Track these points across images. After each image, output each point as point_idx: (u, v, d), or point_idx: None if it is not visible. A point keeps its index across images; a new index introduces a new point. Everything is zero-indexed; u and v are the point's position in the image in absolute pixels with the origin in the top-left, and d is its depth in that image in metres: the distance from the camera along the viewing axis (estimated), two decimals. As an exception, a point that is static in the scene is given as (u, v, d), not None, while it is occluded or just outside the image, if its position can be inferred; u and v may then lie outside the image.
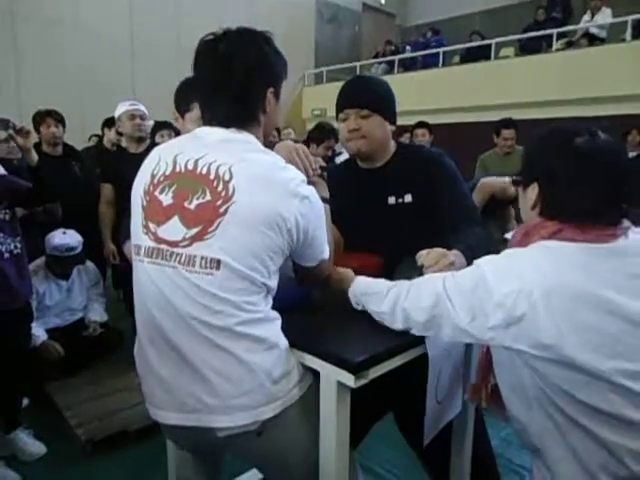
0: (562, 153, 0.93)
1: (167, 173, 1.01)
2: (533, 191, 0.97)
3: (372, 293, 1.12)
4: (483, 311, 0.90)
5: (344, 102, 1.47)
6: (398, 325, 1.05)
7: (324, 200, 1.25)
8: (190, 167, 0.98)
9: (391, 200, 1.48)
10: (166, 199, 0.98)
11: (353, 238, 1.52)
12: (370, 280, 1.17)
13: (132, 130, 2.78)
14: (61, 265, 2.74)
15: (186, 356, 0.97)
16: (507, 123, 3.82)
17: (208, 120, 1.06)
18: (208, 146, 1.00)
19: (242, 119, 1.04)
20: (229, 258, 0.93)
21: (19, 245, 2.05)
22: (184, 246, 0.95)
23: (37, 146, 2.29)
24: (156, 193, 1.00)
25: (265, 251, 0.95)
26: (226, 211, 0.93)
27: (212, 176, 0.96)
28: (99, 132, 4.15)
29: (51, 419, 2.38)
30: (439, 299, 0.96)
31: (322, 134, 3.17)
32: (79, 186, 2.99)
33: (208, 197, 0.95)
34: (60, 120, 3.04)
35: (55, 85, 6.37)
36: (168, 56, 7.55)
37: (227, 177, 0.95)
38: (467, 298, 0.92)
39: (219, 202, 0.94)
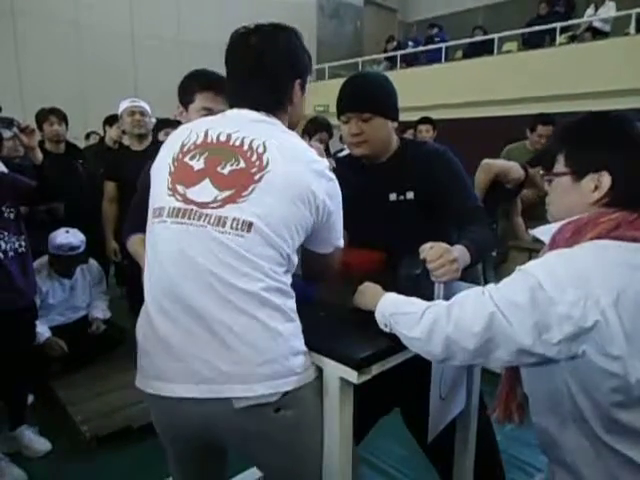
0: (630, 139, 0.88)
1: (198, 142, 1.02)
2: (594, 182, 0.88)
3: (403, 313, 0.99)
4: (547, 326, 0.79)
5: (344, 105, 1.46)
6: (436, 353, 0.92)
7: None
8: (223, 139, 1.00)
9: (392, 197, 1.48)
10: (197, 164, 0.99)
11: (355, 234, 1.51)
12: (402, 298, 1.04)
13: (131, 126, 2.78)
14: (64, 264, 2.75)
15: (205, 320, 0.93)
16: (546, 120, 3.46)
17: (238, 105, 1.07)
18: (241, 123, 1.03)
19: (271, 106, 1.06)
20: (261, 223, 0.93)
21: (24, 244, 2.06)
22: (215, 207, 0.95)
23: (40, 144, 2.29)
24: (186, 159, 1.01)
25: (295, 223, 0.97)
26: (261, 178, 0.95)
27: (246, 147, 0.98)
28: (99, 130, 4.14)
29: (55, 416, 2.40)
30: (493, 320, 0.83)
31: (315, 127, 3.17)
32: (82, 184, 3.00)
33: (242, 165, 0.96)
34: (63, 118, 3.05)
35: (57, 83, 6.37)
36: (170, 53, 7.55)
37: (261, 150, 0.97)
38: (527, 314, 0.80)
39: (254, 170, 0.95)
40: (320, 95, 9.17)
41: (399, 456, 2.12)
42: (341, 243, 1.12)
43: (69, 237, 2.68)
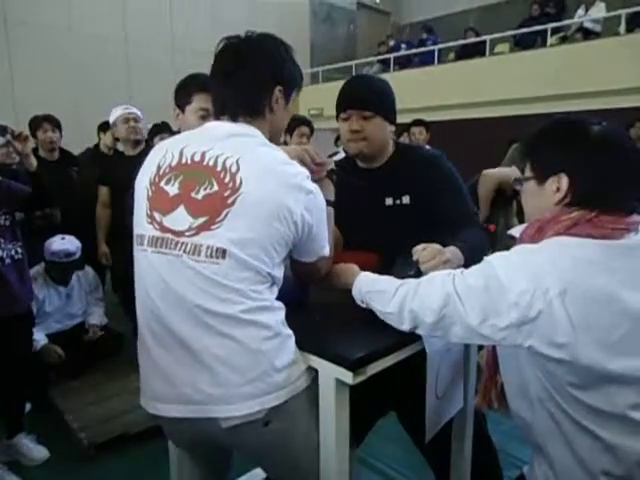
0: (584, 141, 0.93)
1: (173, 164, 1.02)
2: (555, 184, 0.94)
3: (378, 291, 1.08)
4: (496, 311, 0.86)
5: (346, 102, 1.47)
6: (405, 326, 1.01)
7: (328, 203, 1.26)
8: (197, 159, 1.00)
9: (389, 201, 1.49)
10: (172, 189, 1.00)
11: (351, 238, 1.52)
12: (375, 277, 1.13)
13: (127, 133, 2.78)
14: (60, 271, 2.74)
15: (189, 346, 0.97)
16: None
17: (219, 111, 1.08)
18: (215, 140, 1.02)
19: (249, 110, 1.06)
20: (235, 248, 0.94)
21: (20, 250, 2.06)
22: (190, 235, 0.96)
23: (34, 151, 2.29)
24: (162, 184, 1.01)
25: (271, 242, 0.97)
26: (234, 202, 0.94)
27: (219, 168, 0.97)
28: (94, 137, 4.14)
29: (53, 423, 2.39)
30: (449, 299, 0.92)
31: (293, 121, 3.13)
32: (76, 191, 3.00)
33: (215, 188, 0.96)
34: (57, 125, 3.05)
35: (51, 90, 6.36)
36: (163, 58, 7.55)
37: (234, 169, 0.96)
38: (479, 297, 0.88)
39: (227, 193, 0.95)
40: (314, 98, 9.19)
41: (396, 456, 2.12)
42: (326, 252, 1.11)
43: (65, 244, 2.68)
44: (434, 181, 1.45)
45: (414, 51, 9.08)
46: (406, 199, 1.47)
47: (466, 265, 1.25)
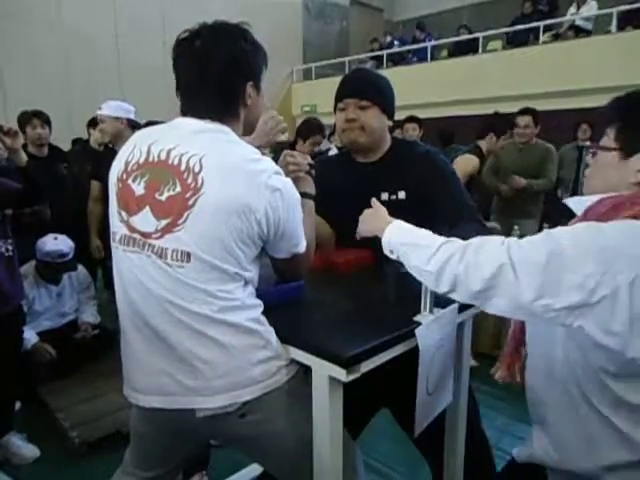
0: None
1: (140, 162, 1.01)
2: None
3: (415, 245, 0.98)
4: (555, 290, 0.79)
5: (344, 91, 1.48)
6: (441, 288, 0.94)
7: (309, 196, 1.26)
8: (163, 157, 0.99)
9: (384, 196, 1.48)
10: (138, 189, 1.00)
11: (346, 233, 1.52)
12: (410, 227, 1.04)
13: (100, 137, 2.78)
14: (52, 271, 2.71)
15: (164, 339, 0.99)
16: (523, 110, 3.50)
17: (186, 112, 1.06)
18: (182, 137, 1.00)
19: (221, 113, 1.04)
20: (198, 250, 0.94)
21: (10, 247, 2.03)
22: (156, 238, 0.97)
23: (23, 147, 2.26)
24: (129, 181, 1.02)
25: (234, 242, 0.96)
26: (194, 203, 0.94)
27: (183, 167, 0.96)
28: (84, 135, 4.11)
29: (44, 422, 2.37)
30: (501, 270, 0.83)
31: (309, 129, 3.14)
32: (66, 187, 2.97)
33: (178, 189, 0.95)
34: (46, 121, 3.01)
35: (40, 85, 6.30)
36: (154, 54, 7.48)
37: (197, 169, 0.95)
38: (538, 273, 0.80)
39: (188, 194, 0.94)
40: (307, 95, 9.18)
41: (390, 453, 2.13)
42: (300, 249, 1.10)
43: (58, 244, 2.64)
44: (431, 177, 1.44)
45: (407, 48, 9.10)
46: (402, 194, 1.47)
47: None
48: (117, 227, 1.04)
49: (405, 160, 1.48)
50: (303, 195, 1.25)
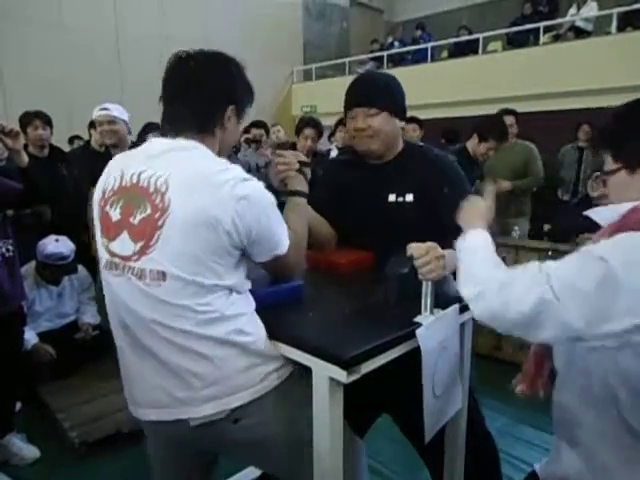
0: None
1: (115, 188, 1.06)
2: None
3: (470, 264, 0.94)
4: (606, 316, 0.74)
5: (352, 100, 1.47)
6: (478, 317, 0.89)
7: (300, 194, 1.27)
8: (134, 181, 1.03)
9: (391, 197, 1.48)
10: (115, 215, 1.04)
11: (352, 233, 1.52)
12: (487, 246, 0.97)
13: (101, 137, 2.77)
14: (53, 273, 2.71)
15: (155, 356, 1.03)
16: (506, 110, 3.61)
17: (166, 128, 1.08)
18: (152, 158, 1.04)
19: (198, 128, 1.06)
20: (172, 268, 0.97)
21: (11, 248, 2.03)
22: (135, 260, 1.01)
23: (23, 148, 2.26)
24: (107, 208, 1.06)
25: (207, 255, 0.98)
26: (163, 223, 0.97)
27: (151, 189, 0.99)
28: (82, 134, 4.10)
29: (44, 422, 2.37)
30: (544, 302, 0.78)
31: (300, 125, 3.30)
32: (66, 188, 2.96)
33: (148, 211, 0.99)
34: (47, 122, 3.00)
35: (41, 86, 6.29)
36: (155, 55, 7.48)
37: (163, 189, 0.98)
38: (588, 300, 0.75)
39: (157, 214, 0.98)
40: (307, 96, 9.17)
41: (388, 452, 2.13)
42: (281, 250, 1.09)
43: (59, 246, 2.63)
44: (440, 182, 1.43)
45: (407, 49, 9.09)
46: (410, 197, 1.46)
47: None
48: (102, 253, 1.09)
49: (415, 164, 1.48)
50: (294, 193, 1.28)
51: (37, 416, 2.45)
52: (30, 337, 2.55)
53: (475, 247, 0.97)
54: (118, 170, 1.07)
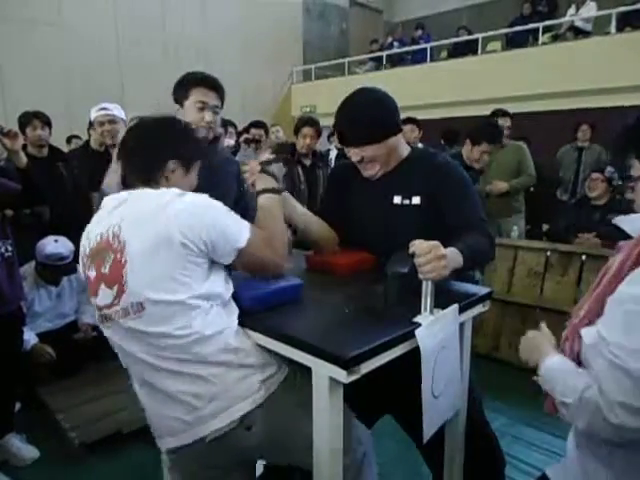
0: None
1: (87, 252, 1.16)
2: None
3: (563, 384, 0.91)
4: None
5: (342, 141, 1.50)
6: (580, 424, 0.88)
7: (269, 190, 1.30)
8: (98, 239, 1.13)
9: (397, 199, 1.48)
10: (92, 274, 1.14)
11: (357, 235, 1.53)
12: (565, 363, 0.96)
13: (102, 137, 2.77)
14: (52, 274, 2.71)
15: (156, 387, 1.12)
16: (499, 112, 3.65)
17: (122, 182, 1.21)
18: (109, 214, 1.13)
19: (143, 181, 1.16)
20: (148, 292, 1.04)
21: (10, 248, 2.03)
22: (117, 304, 1.09)
23: (22, 148, 2.26)
24: (87, 272, 1.17)
25: (173, 270, 1.04)
26: (125, 260, 1.06)
27: (110, 238, 1.09)
28: (81, 134, 4.09)
29: (44, 423, 2.37)
30: (620, 431, 0.79)
31: (297, 124, 3.34)
32: (66, 188, 2.96)
33: (112, 256, 1.08)
34: (46, 122, 3.00)
35: (40, 87, 6.29)
36: (155, 54, 7.50)
37: (118, 231, 1.08)
38: None
39: (118, 255, 1.07)
40: (306, 96, 9.17)
41: (388, 451, 2.13)
42: (241, 244, 1.11)
43: (59, 247, 2.63)
44: (445, 187, 1.43)
45: (406, 49, 9.09)
46: (416, 199, 1.46)
47: (465, 268, 1.25)
48: (95, 312, 1.18)
49: (421, 169, 1.47)
50: (263, 192, 1.30)
51: (37, 416, 2.44)
52: (29, 337, 2.55)
53: (563, 370, 0.93)
54: (85, 237, 1.18)
